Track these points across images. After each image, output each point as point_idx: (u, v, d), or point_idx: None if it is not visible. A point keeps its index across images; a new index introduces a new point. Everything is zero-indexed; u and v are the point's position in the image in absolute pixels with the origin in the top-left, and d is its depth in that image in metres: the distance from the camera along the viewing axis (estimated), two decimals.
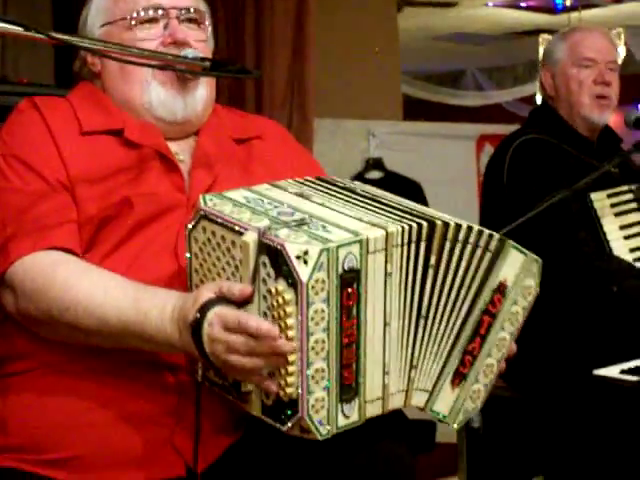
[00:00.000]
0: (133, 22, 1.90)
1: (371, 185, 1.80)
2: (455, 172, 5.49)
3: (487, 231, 1.67)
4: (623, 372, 2.64)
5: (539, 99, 3.39)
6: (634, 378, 2.59)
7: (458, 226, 1.64)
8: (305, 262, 1.49)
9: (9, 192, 1.79)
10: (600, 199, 3.09)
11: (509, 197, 3.08)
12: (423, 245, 1.62)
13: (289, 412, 1.54)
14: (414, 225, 1.61)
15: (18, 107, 1.90)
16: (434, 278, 1.64)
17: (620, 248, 3.07)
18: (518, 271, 1.69)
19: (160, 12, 1.91)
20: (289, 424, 1.55)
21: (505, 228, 2.25)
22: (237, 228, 1.55)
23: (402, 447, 1.74)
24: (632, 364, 2.68)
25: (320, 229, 1.55)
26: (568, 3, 8.74)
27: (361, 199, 1.71)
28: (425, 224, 1.61)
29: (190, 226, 1.62)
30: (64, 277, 1.70)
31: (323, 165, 5.54)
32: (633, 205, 3.17)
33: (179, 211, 1.81)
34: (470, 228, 1.65)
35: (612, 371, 2.66)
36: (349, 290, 1.54)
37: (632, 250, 3.09)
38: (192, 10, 1.94)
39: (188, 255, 1.65)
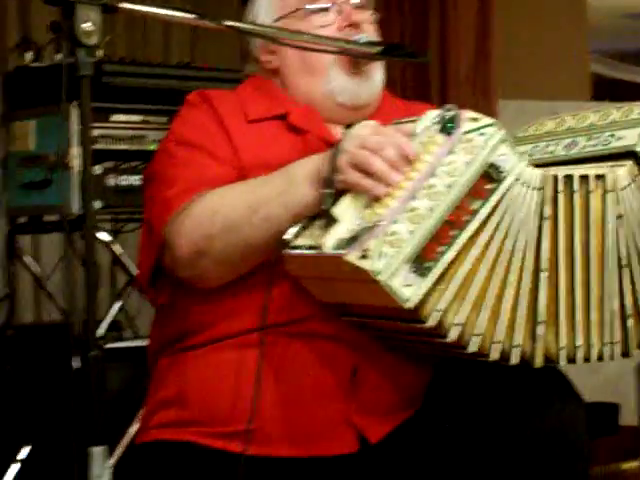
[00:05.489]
0: (308, 11, 1.95)
1: None
2: None
3: None
4: None
5: None
6: None
7: None
8: (474, 120, 1.58)
9: (179, 167, 1.84)
10: None
11: None
12: None
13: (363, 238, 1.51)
14: None
15: (187, 99, 1.95)
16: None
17: None
18: None
19: (330, 3, 1.95)
20: (356, 249, 1.50)
21: None
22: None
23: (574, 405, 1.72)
24: None
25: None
26: None
27: None
28: None
29: None
30: (210, 196, 1.76)
31: None
32: None
33: None
34: None
35: None
36: (485, 184, 1.53)
37: None
38: None
39: None
